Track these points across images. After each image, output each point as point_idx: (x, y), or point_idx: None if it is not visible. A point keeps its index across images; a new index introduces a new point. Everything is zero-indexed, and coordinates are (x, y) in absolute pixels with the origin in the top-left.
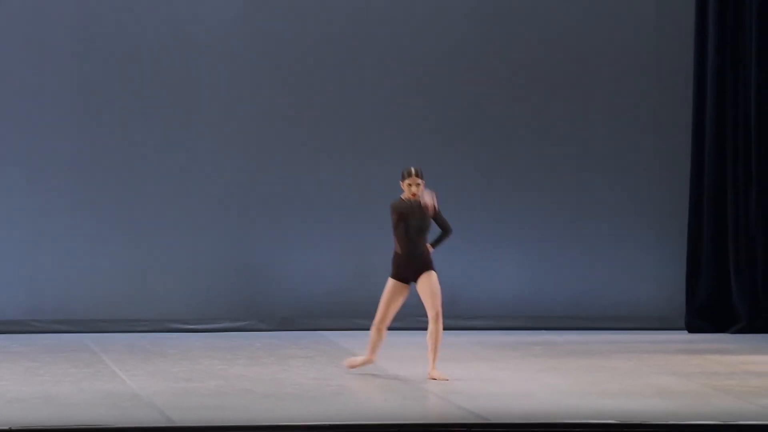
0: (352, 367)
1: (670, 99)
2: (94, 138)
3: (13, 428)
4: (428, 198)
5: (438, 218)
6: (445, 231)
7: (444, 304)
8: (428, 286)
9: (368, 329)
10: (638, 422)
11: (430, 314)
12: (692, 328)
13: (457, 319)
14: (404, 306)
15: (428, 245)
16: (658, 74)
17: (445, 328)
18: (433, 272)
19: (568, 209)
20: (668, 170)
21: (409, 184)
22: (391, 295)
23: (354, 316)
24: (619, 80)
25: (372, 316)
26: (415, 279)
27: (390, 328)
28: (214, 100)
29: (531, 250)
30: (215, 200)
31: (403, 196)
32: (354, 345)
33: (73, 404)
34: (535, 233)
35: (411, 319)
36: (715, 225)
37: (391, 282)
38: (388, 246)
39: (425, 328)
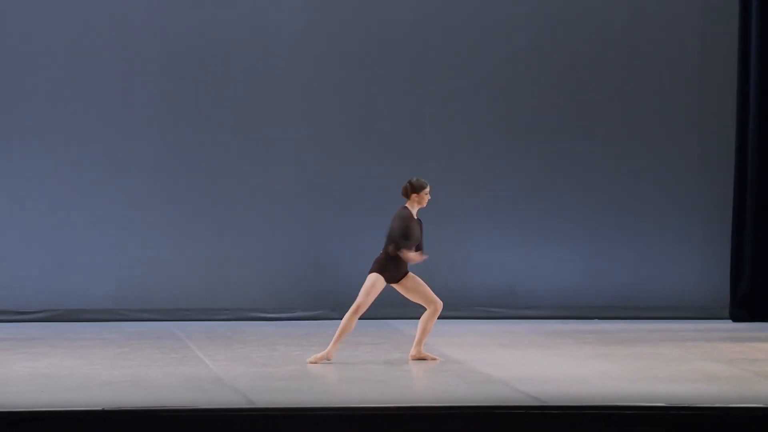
0: (314, 363)
1: (714, 102)
2: (176, 140)
3: (105, 409)
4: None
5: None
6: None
7: (502, 295)
8: (420, 286)
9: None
10: (685, 405)
11: (433, 308)
12: (736, 318)
13: (515, 309)
14: (468, 296)
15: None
16: (703, 78)
17: (501, 318)
18: (409, 275)
19: (619, 206)
20: (713, 168)
21: (427, 193)
22: (375, 288)
23: (419, 306)
24: (667, 84)
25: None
26: (396, 281)
27: (451, 317)
28: (289, 103)
29: (584, 245)
30: (290, 197)
31: (410, 206)
32: None
33: (160, 387)
34: (588, 229)
35: (471, 309)
36: (758, 220)
37: (376, 277)
38: (449, 239)
39: (486, 317)
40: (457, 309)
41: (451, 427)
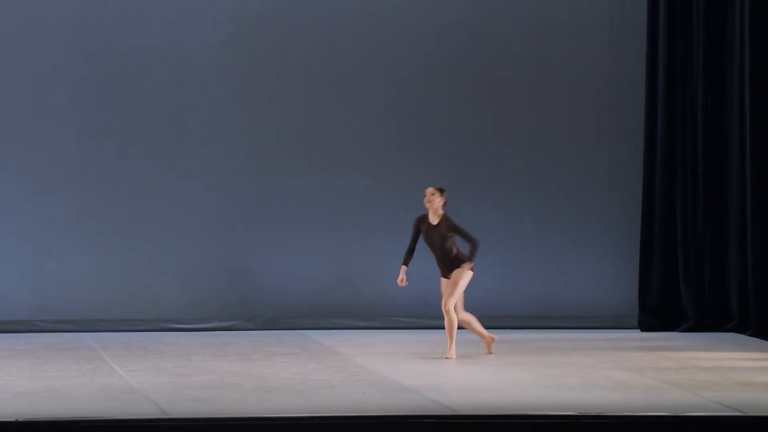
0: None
1: (623, 118)
2: (93, 150)
3: (19, 419)
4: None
5: (458, 233)
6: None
7: (418, 305)
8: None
9: (349, 328)
10: (595, 413)
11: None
12: (644, 327)
13: (429, 318)
14: (383, 306)
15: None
16: (613, 93)
17: (417, 328)
18: (457, 270)
19: (532, 218)
20: (622, 183)
21: (425, 195)
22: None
23: (335, 316)
24: (578, 98)
25: (352, 316)
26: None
27: (366, 327)
28: (205, 114)
29: (499, 257)
30: (207, 208)
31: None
32: (334, 343)
33: (75, 398)
34: (502, 241)
35: (386, 319)
36: (666, 232)
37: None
38: (367, 250)
39: (401, 327)
40: (372, 319)
41: None
